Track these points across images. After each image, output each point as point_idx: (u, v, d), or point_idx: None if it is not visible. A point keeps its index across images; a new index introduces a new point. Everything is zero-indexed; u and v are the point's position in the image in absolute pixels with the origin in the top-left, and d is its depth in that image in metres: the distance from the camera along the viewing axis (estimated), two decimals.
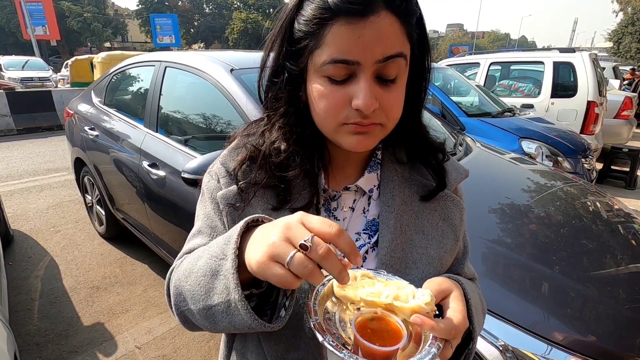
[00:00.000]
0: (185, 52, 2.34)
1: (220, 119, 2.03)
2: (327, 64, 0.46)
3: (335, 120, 0.49)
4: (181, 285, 0.52)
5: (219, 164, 0.59)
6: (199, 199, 0.63)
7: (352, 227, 0.59)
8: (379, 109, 0.47)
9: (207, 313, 0.48)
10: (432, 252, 0.57)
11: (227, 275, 0.43)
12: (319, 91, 0.48)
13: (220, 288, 0.45)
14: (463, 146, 2.26)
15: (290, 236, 0.38)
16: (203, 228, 0.60)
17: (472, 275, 0.67)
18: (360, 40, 0.43)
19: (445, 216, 0.60)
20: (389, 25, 0.44)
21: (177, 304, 0.53)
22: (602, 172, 5.00)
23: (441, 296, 0.47)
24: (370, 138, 0.50)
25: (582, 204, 1.90)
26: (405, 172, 0.61)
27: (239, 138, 0.61)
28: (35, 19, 19.05)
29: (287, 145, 0.55)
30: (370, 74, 0.46)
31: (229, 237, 0.46)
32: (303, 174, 0.54)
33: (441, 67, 4.89)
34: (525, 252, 1.41)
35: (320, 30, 0.45)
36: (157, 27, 28.13)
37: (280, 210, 0.55)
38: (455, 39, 66.83)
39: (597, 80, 4.71)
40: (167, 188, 2.00)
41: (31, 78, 12.41)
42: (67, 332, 2.14)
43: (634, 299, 1.26)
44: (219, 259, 0.46)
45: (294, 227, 0.39)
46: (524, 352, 0.99)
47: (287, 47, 0.50)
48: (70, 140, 3.25)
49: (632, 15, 25.84)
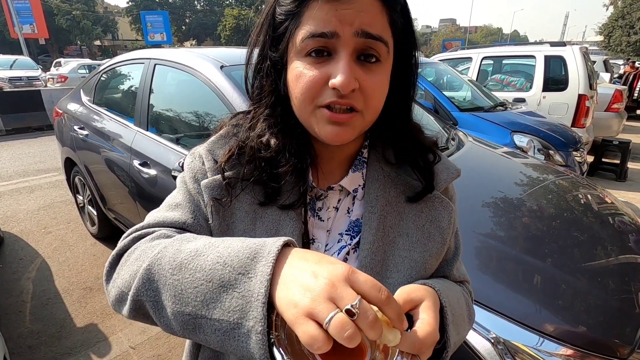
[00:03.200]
0: (175, 49, 2.31)
1: (211, 116, 2.01)
2: (305, 40, 0.45)
3: (312, 103, 0.47)
4: (160, 274, 0.44)
5: (206, 149, 0.57)
6: (179, 175, 0.60)
7: (336, 228, 0.57)
8: (358, 91, 0.45)
9: (191, 321, 0.41)
10: (416, 255, 0.55)
11: (248, 297, 0.38)
12: (297, 72, 0.47)
13: (231, 306, 0.38)
14: (455, 141, 2.26)
15: (335, 296, 0.34)
16: (184, 203, 0.56)
17: (462, 278, 0.64)
18: (338, 13, 0.43)
19: (433, 218, 0.57)
20: (369, 3, 0.44)
21: (139, 290, 0.45)
22: (593, 165, 5.06)
23: (409, 306, 0.45)
24: (347, 130, 0.48)
25: (573, 197, 1.91)
26: (392, 172, 0.58)
27: (227, 127, 0.59)
28: (22, 17, 18.71)
29: (275, 139, 0.53)
30: (350, 51, 0.44)
31: (256, 253, 0.40)
32: (293, 170, 0.53)
33: (434, 62, 4.90)
34: (518, 246, 1.41)
35: (299, 9, 0.45)
36: (148, 24, 27.82)
37: (268, 206, 0.54)
38: (448, 34, 66.95)
39: (588, 73, 4.75)
40: (158, 187, 1.98)
41: (20, 77, 12.21)
42: (60, 334, 2.12)
43: (623, 289, 1.28)
44: (237, 273, 0.39)
45: (340, 286, 0.34)
46: (515, 344, 1.00)
47: (270, 35, 0.50)
48: (60, 140, 3.20)
49: (622, 9, 26.07)
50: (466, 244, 1.37)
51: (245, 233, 0.53)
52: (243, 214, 0.54)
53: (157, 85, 2.26)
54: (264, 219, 0.53)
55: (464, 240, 1.35)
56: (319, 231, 0.57)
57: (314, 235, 0.56)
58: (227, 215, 0.54)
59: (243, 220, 0.53)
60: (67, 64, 14.98)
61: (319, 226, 0.57)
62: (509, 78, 5.46)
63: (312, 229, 0.56)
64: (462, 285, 0.63)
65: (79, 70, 13.79)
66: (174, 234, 0.51)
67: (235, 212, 0.54)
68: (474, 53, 5.90)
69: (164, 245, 0.46)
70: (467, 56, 5.98)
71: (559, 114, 4.74)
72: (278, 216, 0.53)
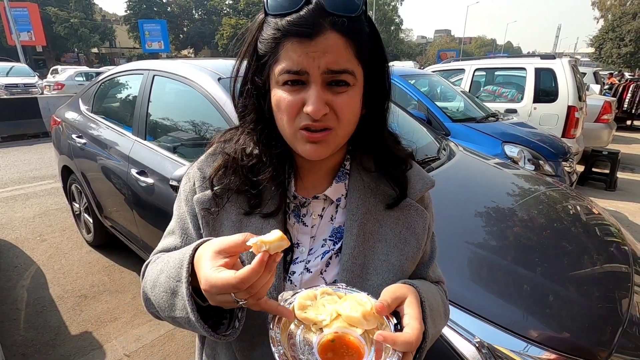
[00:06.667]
0: (173, 61, 2.37)
1: (208, 126, 2.06)
2: (282, 74, 0.51)
3: (292, 126, 0.53)
4: (148, 293, 0.60)
5: (196, 168, 0.63)
6: (176, 199, 0.67)
7: (320, 234, 0.62)
8: (330, 113, 0.52)
9: (173, 321, 0.56)
10: (393, 259, 0.60)
11: (183, 297, 0.49)
12: (277, 97, 0.53)
13: (180, 306, 0.51)
14: (446, 151, 2.32)
15: (219, 301, 0.46)
16: (176, 229, 0.65)
17: (437, 279, 0.69)
18: (308, 55, 0.49)
19: (409, 225, 0.63)
20: (333, 44, 0.49)
21: (147, 305, 0.62)
22: (584, 175, 5.14)
23: (396, 303, 0.50)
24: (323, 146, 0.54)
25: (563, 208, 1.97)
26: (372, 182, 0.64)
27: (216, 144, 0.65)
28: (20, 24, 18.81)
29: (256, 149, 0.60)
30: (319, 83, 0.50)
31: (181, 261, 0.52)
32: (272, 179, 0.59)
33: (427, 74, 5.00)
34: (509, 256, 1.45)
35: (276, 48, 0.51)
36: (146, 32, 28.01)
37: (252, 215, 0.60)
38: (443, 44, 67.86)
39: (577, 85, 4.87)
40: (155, 195, 2.01)
41: (16, 84, 12.21)
42: (54, 342, 2.12)
43: (607, 297, 1.32)
44: (175, 280, 0.52)
45: (214, 292, 0.45)
46: (499, 348, 1.04)
47: (254, 63, 0.56)
48: (57, 148, 3.23)
49: (612, 22, 26.68)
50: (457, 253, 1.42)
51: None
52: (230, 224, 0.60)
53: (155, 95, 2.31)
54: (249, 227, 0.60)
55: (456, 250, 1.41)
56: (303, 236, 0.62)
57: (298, 239, 0.62)
58: (216, 226, 0.60)
59: (230, 229, 0.60)
60: (63, 72, 15.01)
61: (303, 231, 0.62)
62: (501, 89, 5.57)
63: (296, 234, 0.62)
64: (437, 285, 0.68)
65: (75, 77, 13.83)
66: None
67: (224, 222, 0.60)
68: (467, 65, 6.03)
69: (151, 270, 0.62)
70: (460, 68, 6.10)
71: (550, 124, 4.84)
72: (261, 224, 0.59)
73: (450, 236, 1.46)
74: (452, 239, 1.47)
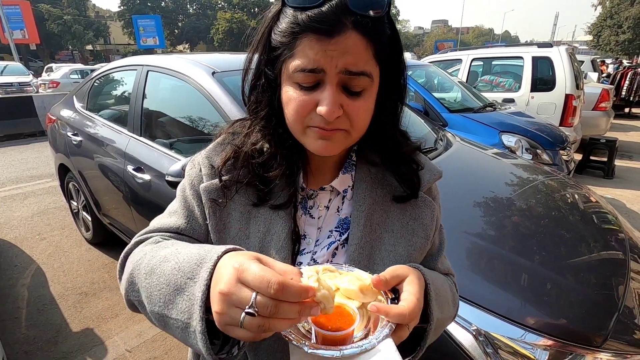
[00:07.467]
0: (167, 56, 2.35)
1: (203, 121, 2.05)
2: (297, 72, 0.49)
3: (302, 124, 0.52)
4: (138, 278, 0.50)
5: (204, 156, 0.62)
6: (179, 184, 0.65)
7: (326, 225, 0.62)
8: (343, 115, 0.50)
9: (161, 319, 0.47)
10: (401, 249, 0.60)
11: (192, 300, 0.42)
12: (288, 96, 0.52)
13: (182, 307, 0.43)
14: (443, 141, 2.32)
15: (234, 303, 0.38)
16: (180, 209, 0.62)
17: (446, 271, 0.69)
18: (326, 53, 0.47)
19: (416, 216, 0.62)
20: (354, 44, 0.47)
21: (128, 291, 0.53)
22: (582, 163, 5.15)
23: (396, 281, 0.49)
24: (334, 144, 0.53)
25: (561, 196, 1.97)
26: (378, 174, 0.63)
27: (224, 135, 0.64)
28: (12, 22, 18.60)
29: (269, 147, 0.59)
30: (335, 83, 0.49)
31: (202, 259, 0.44)
32: (283, 174, 0.58)
33: (424, 64, 4.97)
34: (507, 245, 1.46)
35: (292, 42, 0.49)
36: (140, 28, 27.73)
37: (261, 206, 0.59)
38: (441, 35, 67.43)
39: (574, 73, 4.85)
40: (152, 191, 2.01)
41: (11, 83, 12.12)
42: (56, 339, 2.13)
43: (603, 284, 1.33)
44: (186, 278, 0.44)
45: (234, 292, 0.38)
46: (495, 335, 1.05)
47: (267, 54, 0.54)
48: (53, 146, 3.22)
49: (610, 9, 26.48)
50: (455, 243, 1.42)
51: (240, 232, 0.59)
52: (238, 215, 0.59)
53: (150, 91, 2.29)
54: (257, 218, 0.59)
55: (454, 240, 1.41)
56: (309, 228, 0.62)
57: (305, 231, 0.61)
58: (223, 216, 0.59)
59: (238, 220, 0.59)
60: (58, 70, 14.88)
61: (310, 223, 0.62)
62: (498, 79, 5.55)
63: (303, 225, 0.62)
64: (447, 276, 0.68)
65: (70, 75, 13.71)
66: (168, 239, 0.58)
67: (231, 212, 0.59)
68: (464, 55, 5.99)
69: (146, 251, 0.53)
70: (457, 58, 6.06)
71: (547, 113, 4.82)
72: (269, 215, 0.59)
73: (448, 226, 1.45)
74: (450, 229, 1.46)
